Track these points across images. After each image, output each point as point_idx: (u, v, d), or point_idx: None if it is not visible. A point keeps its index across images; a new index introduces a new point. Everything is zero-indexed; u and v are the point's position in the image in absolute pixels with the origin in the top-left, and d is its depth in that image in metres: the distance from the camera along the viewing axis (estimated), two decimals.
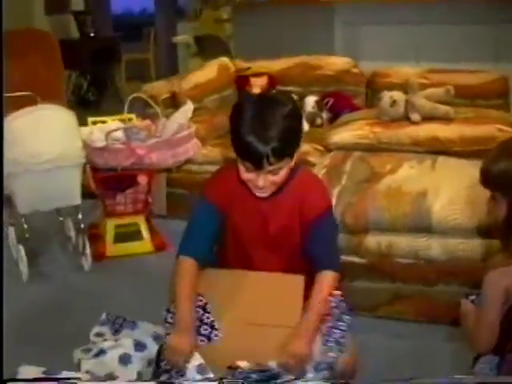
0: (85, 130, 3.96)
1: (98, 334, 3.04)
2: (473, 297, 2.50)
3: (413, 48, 5.96)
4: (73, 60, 7.16)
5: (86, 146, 3.76)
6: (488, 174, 2.33)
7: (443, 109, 3.86)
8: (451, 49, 5.80)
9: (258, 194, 2.41)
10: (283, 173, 2.34)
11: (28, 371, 2.05)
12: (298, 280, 2.45)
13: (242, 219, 2.52)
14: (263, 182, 2.32)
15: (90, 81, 8.99)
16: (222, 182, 2.54)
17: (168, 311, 2.43)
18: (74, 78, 9.00)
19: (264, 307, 2.40)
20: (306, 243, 2.49)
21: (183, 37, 9.24)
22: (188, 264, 2.45)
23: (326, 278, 2.42)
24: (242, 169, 2.33)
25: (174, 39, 9.49)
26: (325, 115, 4.77)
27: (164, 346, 2.33)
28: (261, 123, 2.24)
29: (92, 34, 9.16)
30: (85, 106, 8.63)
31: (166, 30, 10.40)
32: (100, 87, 9.16)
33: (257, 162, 2.25)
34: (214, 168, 4.25)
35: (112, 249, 4.03)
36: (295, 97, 3.86)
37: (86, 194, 3.84)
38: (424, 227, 3.06)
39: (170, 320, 2.40)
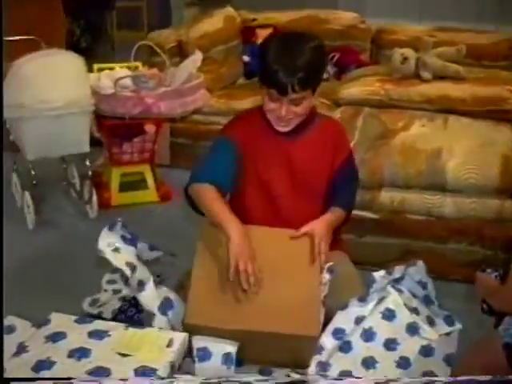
0: (92, 76, 3.92)
1: (110, 282, 3.03)
2: (489, 270, 2.53)
3: (416, 5, 5.92)
4: (66, 6, 7.02)
5: (94, 92, 3.71)
6: None
7: (454, 68, 3.86)
8: (455, 8, 5.78)
9: (280, 128, 2.47)
10: (305, 105, 2.40)
11: (59, 318, 2.04)
12: (305, 241, 2.48)
13: (263, 159, 2.55)
14: (286, 111, 2.39)
15: (83, 27, 8.83)
16: (243, 123, 2.59)
17: None
18: (67, 24, 8.83)
19: (273, 262, 2.40)
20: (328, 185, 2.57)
21: None
22: (211, 188, 2.45)
23: (335, 210, 2.53)
24: (266, 100, 2.40)
25: None
26: (331, 69, 4.73)
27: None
28: (288, 53, 2.34)
29: None
30: (77, 52, 8.47)
31: None
32: (93, 34, 9.00)
33: (282, 88, 2.32)
34: (218, 118, 4.31)
35: (117, 197, 4.01)
36: None
37: (90, 141, 3.80)
38: (438, 185, 3.08)
39: None
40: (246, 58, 5.07)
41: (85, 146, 3.64)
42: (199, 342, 2.34)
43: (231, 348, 2.35)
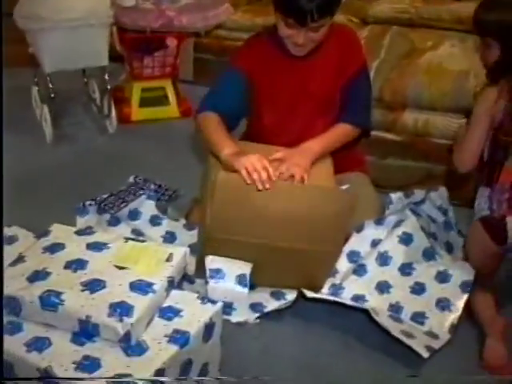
0: None
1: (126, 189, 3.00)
2: None
3: None
4: None
5: (114, 4, 3.60)
6: (481, 19, 2.31)
7: None
8: None
9: (295, 52, 2.41)
10: (322, 31, 2.33)
11: (60, 229, 2.00)
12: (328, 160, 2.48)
13: (278, 82, 2.50)
14: (303, 38, 2.32)
15: None
16: (252, 49, 2.53)
17: None
18: None
19: None
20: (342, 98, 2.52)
21: None
22: (214, 117, 2.46)
23: (339, 127, 2.51)
24: (281, 25, 2.32)
25: None
26: None
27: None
28: None
29: None
30: None
31: None
32: None
33: (301, 18, 2.24)
34: (243, 34, 4.18)
35: (137, 112, 3.95)
36: None
37: (112, 56, 3.72)
38: (464, 108, 2.96)
39: None
40: None
41: (103, 59, 3.56)
42: (213, 262, 2.32)
43: (246, 269, 2.33)
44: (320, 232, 2.28)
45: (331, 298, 2.36)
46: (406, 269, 2.43)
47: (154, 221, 2.67)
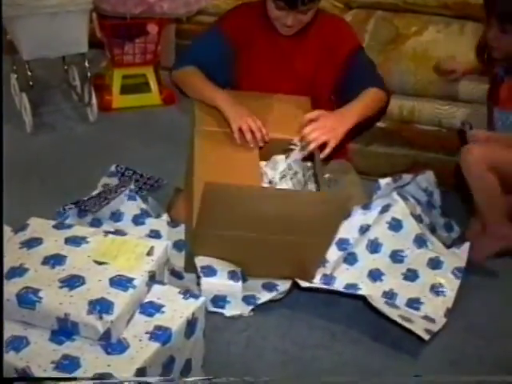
0: None
1: (106, 185, 2.95)
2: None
3: None
4: None
5: None
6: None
7: None
8: None
9: (284, 32, 2.43)
10: (311, 13, 2.36)
11: (37, 223, 1.95)
12: (305, 99, 2.51)
13: (261, 56, 2.49)
14: (292, 20, 2.35)
15: None
16: (241, 16, 2.52)
17: None
18: None
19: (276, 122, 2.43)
20: (346, 80, 2.50)
21: None
22: (196, 70, 2.47)
23: (372, 90, 2.46)
24: (271, 6, 2.34)
25: None
26: None
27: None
28: None
29: None
30: None
31: None
32: None
33: (291, 2, 2.27)
34: None
35: (119, 100, 3.88)
36: None
37: (92, 43, 3.65)
38: (450, 95, 2.94)
39: None
40: None
41: (82, 46, 3.49)
42: (203, 261, 2.28)
43: (235, 268, 2.30)
44: (310, 229, 2.25)
45: (326, 286, 2.33)
46: (396, 256, 2.41)
47: (138, 220, 2.62)
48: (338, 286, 2.38)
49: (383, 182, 2.67)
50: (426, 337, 2.15)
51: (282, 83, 2.50)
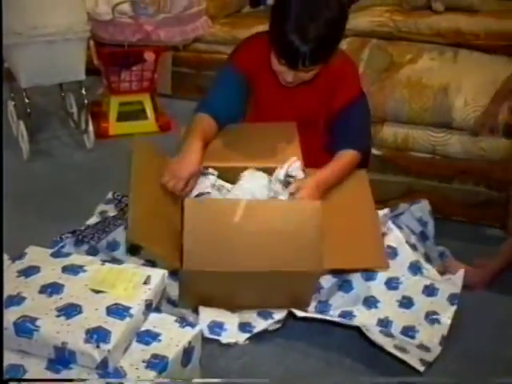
0: (89, 1, 3.76)
1: (103, 212, 2.96)
2: None
3: None
4: None
5: (91, 19, 3.58)
6: None
7: None
8: None
9: (284, 84, 2.42)
10: (313, 72, 2.35)
11: (35, 251, 1.96)
12: (292, 125, 2.52)
13: (269, 91, 2.50)
14: (292, 78, 2.34)
15: None
16: (252, 51, 2.51)
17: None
18: None
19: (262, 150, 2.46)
20: (333, 128, 2.53)
21: None
22: (205, 118, 2.44)
23: (345, 154, 2.48)
24: (273, 59, 2.33)
25: None
26: None
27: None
28: (304, 27, 2.19)
29: None
30: None
31: None
32: None
33: (292, 63, 2.26)
34: (221, 47, 4.19)
35: (115, 127, 3.91)
36: None
37: (89, 70, 3.69)
38: (444, 123, 2.96)
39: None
40: None
41: (80, 73, 3.52)
42: (206, 318, 2.29)
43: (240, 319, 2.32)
44: (298, 248, 2.25)
45: (322, 316, 2.34)
46: (392, 283, 2.42)
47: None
48: (334, 312, 2.38)
49: (381, 212, 2.68)
50: (421, 368, 2.14)
51: (285, 118, 2.52)
